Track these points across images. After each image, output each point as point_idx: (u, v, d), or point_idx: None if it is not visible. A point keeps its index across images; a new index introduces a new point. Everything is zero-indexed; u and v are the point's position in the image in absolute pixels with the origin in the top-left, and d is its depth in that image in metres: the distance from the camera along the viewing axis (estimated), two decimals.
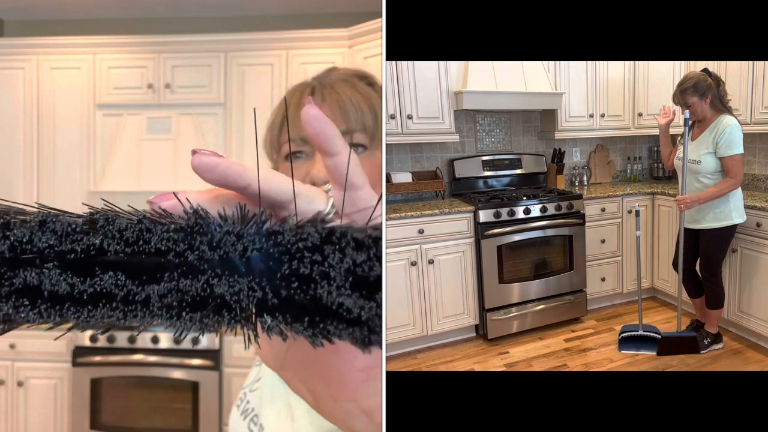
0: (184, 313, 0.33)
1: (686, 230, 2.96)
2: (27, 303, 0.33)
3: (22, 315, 0.33)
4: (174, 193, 0.37)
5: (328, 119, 0.42)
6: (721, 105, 2.83)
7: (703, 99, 2.78)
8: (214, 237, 0.33)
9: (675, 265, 3.06)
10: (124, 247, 0.33)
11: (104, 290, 0.33)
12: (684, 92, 2.79)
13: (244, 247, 0.33)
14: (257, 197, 0.40)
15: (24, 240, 0.33)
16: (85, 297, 0.33)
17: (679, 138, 3.07)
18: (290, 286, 0.33)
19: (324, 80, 0.97)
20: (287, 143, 0.96)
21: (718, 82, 2.83)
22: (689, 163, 2.86)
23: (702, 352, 2.98)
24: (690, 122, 2.93)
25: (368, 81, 0.99)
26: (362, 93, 0.95)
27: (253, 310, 0.34)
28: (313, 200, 0.43)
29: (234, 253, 0.33)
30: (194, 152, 0.39)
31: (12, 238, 0.33)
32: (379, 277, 0.34)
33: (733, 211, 2.84)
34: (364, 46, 3.33)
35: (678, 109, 2.97)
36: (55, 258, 0.33)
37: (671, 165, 3.13)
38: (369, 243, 0.33)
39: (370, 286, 0.33)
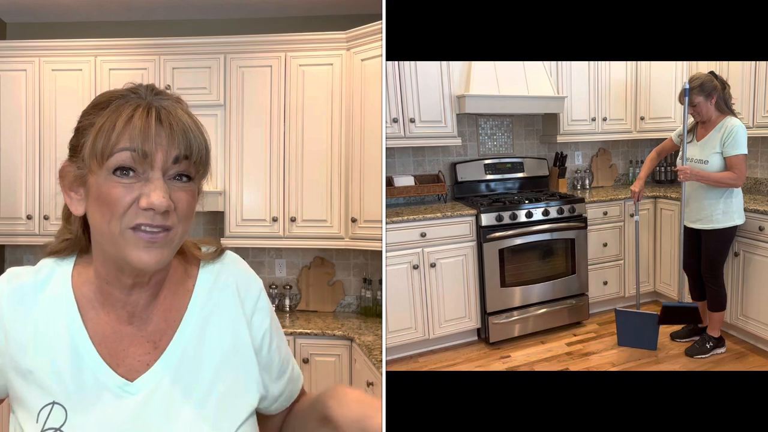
0: None
1: (688, 231, 2.95)
2: None
3: None
4: None
5: None
6: (726, 107, 2.84)
7: (709, 99, 2.79)
8: None
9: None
10: None
11: None
12: (691, 91, 2.80)
13: None
14: None
15: None
16: None
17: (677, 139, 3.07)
18: None
19: (161, 103, 0.85)
20: (122, 153, 0.81)
21: (723, 84, 2.84)
22: (696, 164, 2.86)
23: (705, 356, 2.97)
24: (694, 121, 2.93)
25: (191, 111, 0.91)
26: (197, 123, 0.90)
27: None
28: None
29: None
30: None
31: None
32: None
33: (735, 212, 2.86)
34: (361, 48, 3.33)
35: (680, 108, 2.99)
36: None
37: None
38: None
39: None
